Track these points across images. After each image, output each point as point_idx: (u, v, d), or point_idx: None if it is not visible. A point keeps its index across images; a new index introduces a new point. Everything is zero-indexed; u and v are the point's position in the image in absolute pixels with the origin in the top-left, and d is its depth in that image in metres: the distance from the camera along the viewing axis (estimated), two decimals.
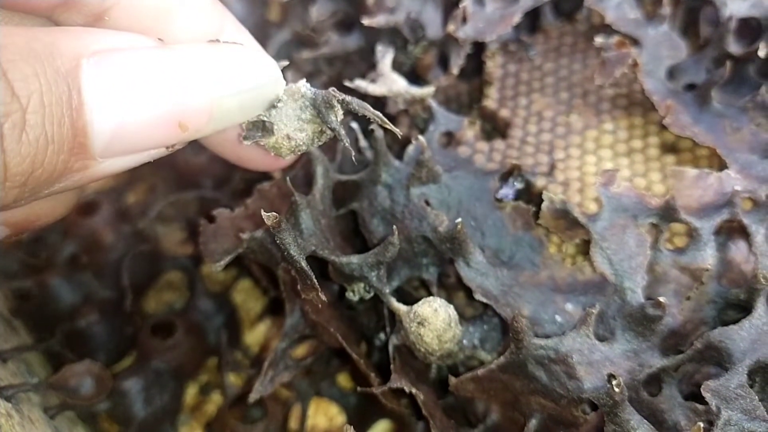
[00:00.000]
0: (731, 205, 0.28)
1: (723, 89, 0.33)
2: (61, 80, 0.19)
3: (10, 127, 0.18)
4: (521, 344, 0.26)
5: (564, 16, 0.38)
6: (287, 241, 0.26)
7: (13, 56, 0.18)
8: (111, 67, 0.20)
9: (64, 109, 0.19)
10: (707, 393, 0.25)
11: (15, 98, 0.18)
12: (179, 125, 0.21)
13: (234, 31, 0.27)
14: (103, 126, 0.20)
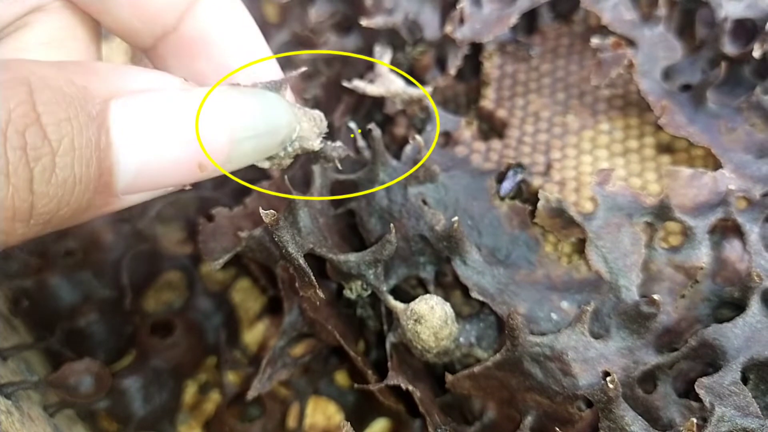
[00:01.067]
0: (725, 204, 0.29)
1: (718, 90, 0.33)
2: (91, 123, 0.20)
3: (40, 170, 0.19)
4: (517, 341, 0.27)
5: (561, 17, 0.38)
6: (285, 239, 0.26)
7: (48, 100, 0.19)
8: (137, 108, 0.21)
9: (93, 150, 0.20)
10: (701, 390, 0.25)
11: (47, 142, 0.19)
12: (199, 166, 0.22)
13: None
14: (128, 166, 0.21)
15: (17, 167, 0.18)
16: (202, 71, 0.25)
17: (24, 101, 0.18)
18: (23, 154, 0.18)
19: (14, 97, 0.18)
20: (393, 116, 0.36)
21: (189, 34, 0.25)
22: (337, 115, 0.37)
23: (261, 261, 0.30)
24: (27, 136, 0.18)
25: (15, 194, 0.18)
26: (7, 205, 0.18)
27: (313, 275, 0.27)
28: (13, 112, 0.18)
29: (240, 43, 0.26)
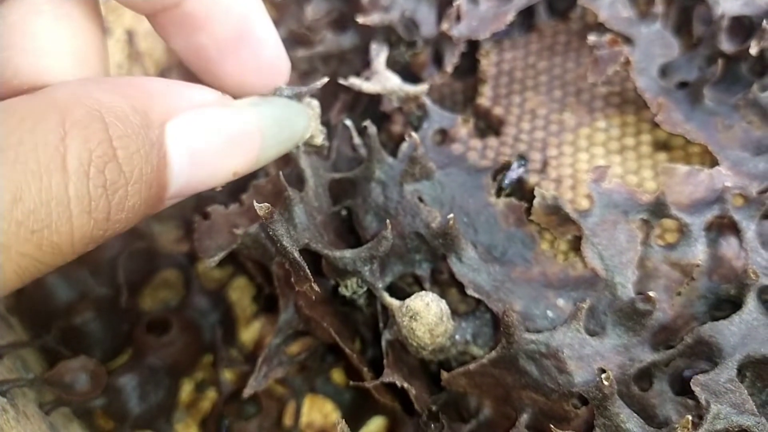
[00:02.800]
0: (722, 202, 0.28)
1: (715, 87, 0.33)
2: (152, 149, 0.21)
3: (117, 202, 0.20)
4: (512, 339, 0.27)
5: (558, 15, 0.38)
6: (279, 233, 0.26)
7: (122, 134, 0.20)
8: (188, 128, 0.23)
9: (154, 173, 0.21)
10: (696, 387, 0.25)
11: (122, 175, 0.20)
12: (233, 174, 0.25)
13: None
14: (179, 180, 0.23)
15: (98, 204, 0.19)
16: (202, 45, 0.26)
17: (103, 140, 0.20)
18: (104, 192, 0.19)
19: (94, 136, 0.19)
20: (390, 114, 0.36)
21: (190, 11, 0.25)
22: (334, 112, 0.37)
23: (256, 258, 0.30)
24: (107, 173, 0.20)
25: (95, 226, 0.20)
26: (86, 236, 0.20)
27: (308, 269, 0.27)
28: (94, 152, 0.19)
29: (243, 21, 0.27)
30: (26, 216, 0.18)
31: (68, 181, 0.19)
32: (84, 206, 0.19)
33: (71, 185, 0.19)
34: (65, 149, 0.19)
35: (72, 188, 0.19)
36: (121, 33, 0.42)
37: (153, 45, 0.44)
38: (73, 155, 0.19)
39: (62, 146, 0.19)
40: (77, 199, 0.19)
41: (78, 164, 0.19)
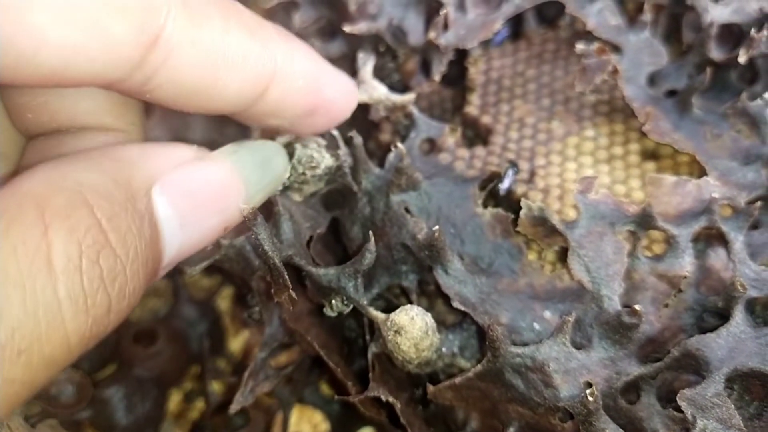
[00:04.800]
0: (709, 212, 0.28)
1: (704, 95, 0.33)
2: (145, 222, 0.20)
3: (116, 291, 0.18)
4: (498, 353, 0.26)
5: (547, 22, 0.38)
6: (262, 236, 0.26)
7: (110, 213, 0.18)
8: (173, 191, 0.21)
9: (148, 246, 0.20)
10: (683, 402, 0.25)
11: (118, 260, 0.18)
12: (224, 229, 0.24)
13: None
14: (172, 248, 0.22)
15: (96, 299, 0.18)
16: (277, 125, 0.27)
17: (91, 225, 0.18)
18: (101, 284, 0.18)
19: (80, 224, 0.17)
20: (378, 122, 0.36)
21: (261, 111, 0.25)
22: None
23: (237, 272, 0.30)
24: (101, 261, 0.18)
25: (94, 324, 0.18)
26: (84, 337, 0.18)
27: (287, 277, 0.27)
28: (83, 242, 0.17)
29: (315, 96, 0.27)
30: (9, 336, 0.16)
31: (57, 282, 0.17)
32: (79, 306, 0.17)
33: (61, 286, 0.17)
34: (49, 246, 0.17)
35: (62, 289, 0.17)
36: None
37: None
38: (58, 251, 0.17)
39: (45, 243, 0.17)
40: (70, 300, 0.17)
41: (66, 260, 0.17)
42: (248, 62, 0.23)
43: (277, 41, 0.24)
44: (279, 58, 0.24)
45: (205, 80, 0.22)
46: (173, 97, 0.22)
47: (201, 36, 0.21)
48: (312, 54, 0.26)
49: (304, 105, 0.26)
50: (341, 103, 0.28)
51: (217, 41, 0.22)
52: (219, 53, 0.22)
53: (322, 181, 0.31)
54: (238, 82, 0.23)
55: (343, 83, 0.28)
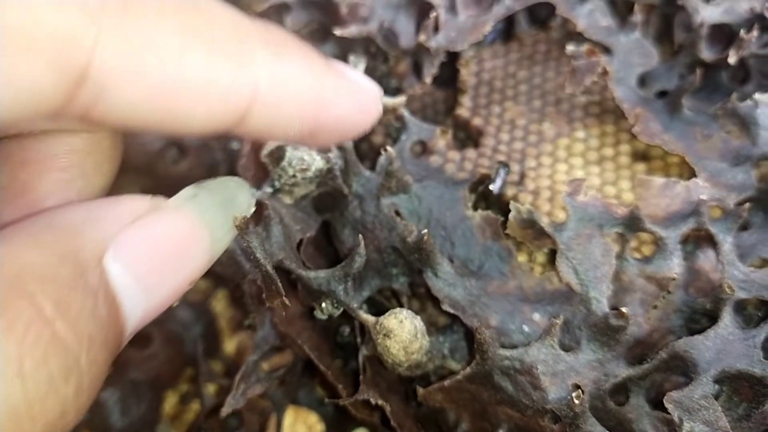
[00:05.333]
0: (698, 214, 0.28)
1: (695, 96, 0.33)
2: (99, 298, 0.17)
3: (73, 390, 0.16)
4: (486, 356, 0.26)
5: (538, 24, 0.38)
6: (254, 244, 0.26)
7: (56, 297, 0.16)
8: (128, 253, 0.19)
9: (106, 325, 0.17)
10: (670, 404, 0.25)
11: (70, 353, 0.16)
12: (189, 283, 0.21)
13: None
14: (134, 317, 0.19)
15: (45, 405, 0.15)
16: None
17: (34, 318, 0.15)
18: (50, 386, 0.15)
19: (19, 319, 0.15)
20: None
21: (247, 133, 0.21)
22: None
23: (229, 275, 0.30)
24: (50, 360, 0.15)
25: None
26: None
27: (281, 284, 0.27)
28: (24, 340, 0.15)
29: (315, 117, 0.22)
30: None
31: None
32: (22, 419, 0.15)
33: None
34: None
35: (2, 405, 0.14)
36: None
37: None
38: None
39: None
40: (9, 416, 0.14)
41: (4, 366, 0.14)
42: (215, 88, 0.18)
43: (261, 57, 0.19)
44: (262, 77, 0.19)
45: (159, 112, 0.18)
46: (126, 127, 0.18)
47: (146, 63, 0.17)
48: (313, 65, 0.21)
49: (301, 126, 0.22)
50: (354, 119, 0.23)
51: (170, 67, 0.17)
52: (173, 82, 0.17)
53: (313, 184, 0.31)
54: (204, 111, 0.18)
55: (355, 96, 0.23)
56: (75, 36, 0.15)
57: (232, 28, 0.18)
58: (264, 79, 0.19)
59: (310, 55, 0.20)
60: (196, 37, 0.17)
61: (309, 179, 0.31)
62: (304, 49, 0.20)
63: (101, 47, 0.16)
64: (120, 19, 0.16)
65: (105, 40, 0.16)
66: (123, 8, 0.16)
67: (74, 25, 0.15)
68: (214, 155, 0.44)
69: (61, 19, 0.15)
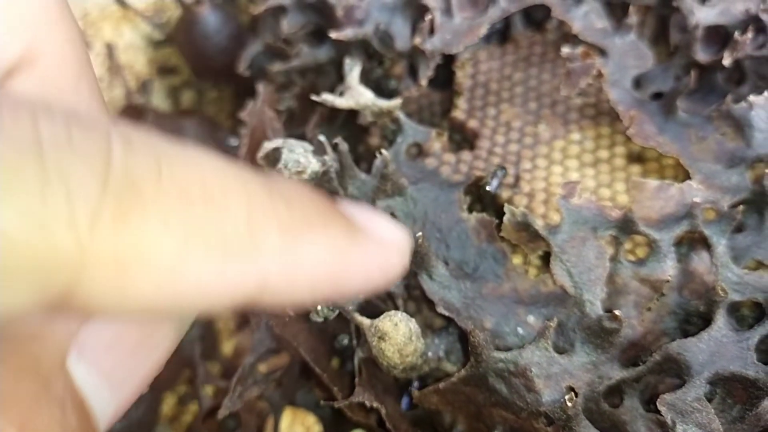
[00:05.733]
0: (692, 217, 0.28)
1: (690, 98, 0.33)
2: (67, 409, 0.16)
3: None
4: (480, 358, 0.27)
5: (534, 26, 0.38)
6: None
7: (20, 421, 0.14)
8: (92, 352, 0.17)
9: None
10: (663, 406, 0.25)
11: None
12: (157, 369, 0.19)
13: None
14: (106, 418, 0.18)
15: None
16: None
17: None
18: None
19: None
20: (367, 126, 0.36)
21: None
22: (310, 126, 0.37)
23: None
24: None
25: None
26: None
27: None
28: None
29: None
30: None
31: None
32: None
33: None
34: None
35: None
36: (101, 47, 0.42)
37: (133, 57, 0.44)
38: None
39: None
40: None
41: None
42: (216, 289, 0.16)
43: (274, 247, 0.17)
44: (272, 270, 0.17)
45: (151, 312, 0.16)
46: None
47: (140, 279, 0.15)
48: (335, 241, 0.18)
49: (315, 300, 0.20)
50: (377, 281, 0.20)
51: (167, 279, 0.15)
52: (169, 292, 0.15)
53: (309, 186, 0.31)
54: (202, 307, 0.17)
55: (381, 260, 0.20)
56: (58, 258, 0.14)
57: (246, 217, 0.16)
58: (274, 272, 0.17)
59: (334, 228, 0.18)
60: (203, 242, 0.15)
61: (305, 181, 0.31)
62: (327, 223, 0.18)
63: (89, 268, 0.14)
64: (113, 233, 0.14)
65: (93, 260, 0.14)
66: (119, 217, 0.14)
67: (59, 246, 0.13)
68: None
69: (45, 239, 0.13)
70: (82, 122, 0.14)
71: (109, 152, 0.14)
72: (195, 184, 0.15)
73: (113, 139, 0.14)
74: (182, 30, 0.42)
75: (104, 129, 0.14)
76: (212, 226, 0.15)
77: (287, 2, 0.37)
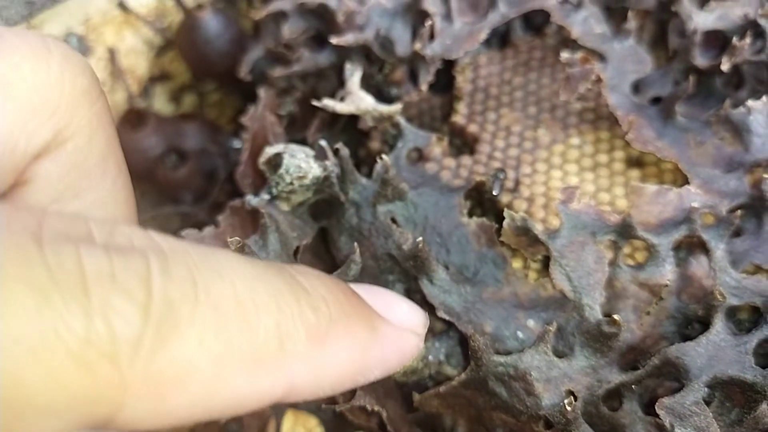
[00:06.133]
0: (690, 221, 0.29)
1: (689, 102, 0.33)
2: None
3: None
4: (480, 362, 0.27)
5: (533, 30, 0.38)
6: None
7: None
8: None
9: None
10: (661, 410, 0.25)
11: None
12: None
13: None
14: None
15: None
16: None
17: None
18: None
19: None
20: (368, 131, 0.37)
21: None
22: (311, 131, 0.37)
23: None
24: None
25: None
26: None
27: None
28: None
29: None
30: None
31: None
32: None
33: None
34: None
35: None
36: (103, 51, 0.43)
37: (135, 62, 0.44)
38: None
39: None
40: None
41: None
42: (250, 397, 0.17)
43: (301, 353, 0.18)
44: (299, 373, 0.18)
45: (187, 419, 0.17)
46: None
47: (174, 403, 0.15)
48: (358, 339, 0.20)
49: (339, 391, 0.21)
50: (395, 367, 0.22)
51: (201, 395, 0.16)
52: (206, 405, 0.16)
53: (310, 191, 0.32)
54: (238, 412, 0.18)
55: (399, 349, 0.22)
56: (102, 395, 0.15)
57: (276, 328, 0.17)
58: (301, 376, 0.18)
59: (356, 325, 0.20)
60: (236, 356, 0.16)
61: (306, 186, 0.31)
62: (350, 322, 0.19)
63: (129, 396, 0.15)
64: (152, 359, 0.15)
65: (134, 388, 0.15)
66: (159, 344, 0.15)
67: (102, 383, 0.14)
68: (214, 161, 0.45)
69: (90, 378, 0.14)
70: (121, 247, 0.15)
71: (149, 280, 0.15)
72: (228, 300, 0.16)
73: (152, 263, 0.15)
74: (183, 34, 0.43)
75: (143, 251, 0.15)
76: (245, 340, 0.16)
77: (288, 7, 0.37)
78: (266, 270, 0.18)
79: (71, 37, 0.42)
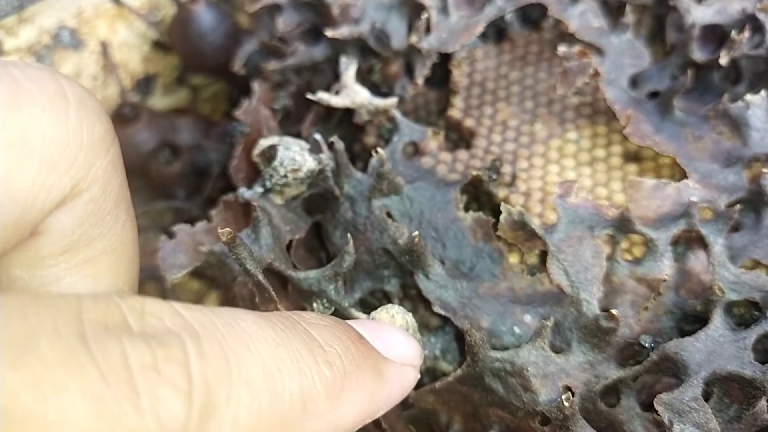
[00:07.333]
0: (688, 216, 0.28)
1: (687, 97, 0.33)
2: None
3: None
4: (476, 357, 0.27)
5: (530, 24, 0.38)
6: (243, 256, 0.26)
7: None
8: None
9: None
10: (660, 406, 0.25)
11: None
12: None
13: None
14: None
15: None
16: None
17: None
18: None
19: None
20: (363, 125, 0.36)
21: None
22: (306, 124, 0.37)
23: (219, 278, 0.30)
24: None
25: None
26: None
27: (273, 290, 0.27)
28: None
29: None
30: None
31: None
32: None
33: None
34: None
35: None
36: (95, 44, 0.42)
37: (128, 56, 0.44)
38: None
39: None
40: None
41: None
42: None
43: (320, 411, 0.19)
44: (320, 427, 0.19)
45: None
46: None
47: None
48: (369, 389, 0.21)
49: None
50: (397, 399, 0.23)
51: None
52: None
53: (304, 185, 0.31)
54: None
55: (402, 385, 0.23)
56: None
57: (299, 391, 0.18)
58: (319, 430, 0.19)
59: (365, 373, 0.21)
60: (265, 427, 0.17)
61: (300, 180, 0.31)
62: (360, 372, 0.21)
63: None
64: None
65: None
66: (201, 429, 0.15)
67: None
68: (208, 156, 0.44)
69: None
70: (157, 332, 0.16)
71: (188, 366, 0.16)
72: (258, 374, 0.17)
73: (188, 347, 0.16)
74: (177, 28, 0.42)
75: (177, 335, 0.16)
76: (274, 410, 0.17)
77: (283, 0, 0.37)
78: (286, 332, 0.19)
79: (63, 30, 0.41)
